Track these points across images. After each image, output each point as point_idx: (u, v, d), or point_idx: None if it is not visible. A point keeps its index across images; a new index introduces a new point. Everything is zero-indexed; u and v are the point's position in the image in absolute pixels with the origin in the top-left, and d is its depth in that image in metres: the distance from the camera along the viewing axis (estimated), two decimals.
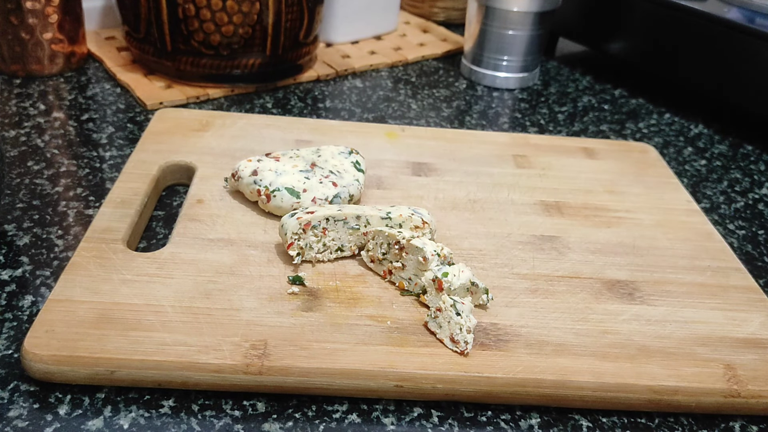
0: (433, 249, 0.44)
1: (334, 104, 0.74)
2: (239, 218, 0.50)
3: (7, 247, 0.49)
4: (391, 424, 0.38)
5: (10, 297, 0.44)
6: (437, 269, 0.43)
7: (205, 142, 0.59)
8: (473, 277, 0.43)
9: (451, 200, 0.55)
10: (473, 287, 0.43)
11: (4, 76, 0.72)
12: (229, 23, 0.68)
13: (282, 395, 0.39)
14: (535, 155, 0.63)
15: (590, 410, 0.40)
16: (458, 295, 0.43)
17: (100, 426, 0.37)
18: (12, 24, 0.69)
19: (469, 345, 0.40)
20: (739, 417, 0.41)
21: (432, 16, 1.00)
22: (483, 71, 0.81)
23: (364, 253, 0.47)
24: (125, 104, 0.69)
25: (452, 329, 0.40)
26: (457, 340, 0.40)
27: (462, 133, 0.66)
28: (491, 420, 0.39)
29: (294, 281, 0.44)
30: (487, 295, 0.44)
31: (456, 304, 0.41)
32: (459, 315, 0.40)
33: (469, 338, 0.40)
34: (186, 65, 0.71)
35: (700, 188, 0.65)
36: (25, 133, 0.63)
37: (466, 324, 0.40)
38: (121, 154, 0.61)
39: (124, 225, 0.48)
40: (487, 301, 0.44)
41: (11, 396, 0.38)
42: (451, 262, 0.45)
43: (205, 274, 0.44)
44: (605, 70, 0.89)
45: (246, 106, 0.71)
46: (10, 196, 0.54)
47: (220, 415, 0.38)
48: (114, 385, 0.39)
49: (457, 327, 0.40)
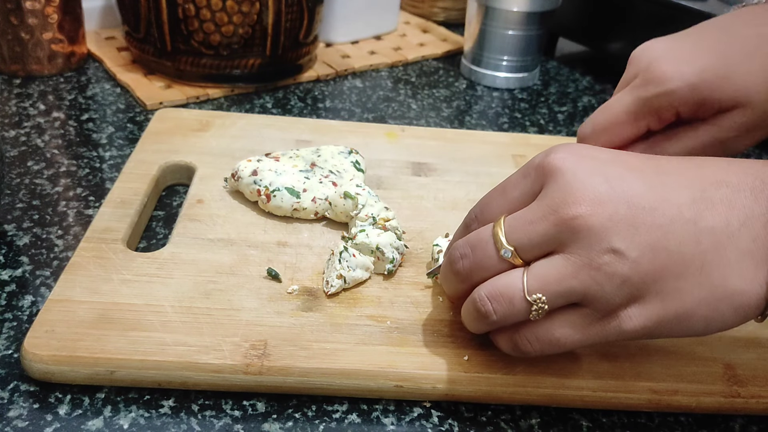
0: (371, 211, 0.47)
1: (334, 104, 0.74)
2: (239, 218, 0.50)
3: (7, 247, 0.49)
4: (391, 424, 0.38)
5: (10, 297, 0.44)
6: (361, 224, 0.47)
7: (205, 142, 0.59)
8: (388, 248, 0.45)
9: (451, 200, 0.55)
10: (378, 252, 0.45)
11: (4, 76, 0.72)
12: (229, 23, 0.68)
13: (282, 395, 0.39)
14: (535, 155, 0.63)
15: (590, 410, 0.40)
16: (360, 251, 0.45)
17: (100, 426, 0.37)
18: (12, 24, 0.69)
19: (333, 289, 0.43)
20: (739, 417, 0.41)
21: (432, 16, 1.00)
22: (483, 71, 0.81)
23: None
24: (125, 104, 0.69)
25: (330, 271, 0.44)
26: (327, 281, 0.44)
27: (462, 133, 0.66)
28: (491, 420, 0.39)
29: (269, 273, 0.45)
30: (391, 264, 0.46)
31: (343, 253, 0.44)
32: (340, 262, 0.44)
33: (335, 283, 0.43)
34: (186, 65, 0.71)
35: None
36: (25, 133, 0.63)
37: (341, 272, 0.44)
38: (121, 154, 0.61)
39: (124, 225, 0.48)
40: (389, 271, 0.46)
41: (11, 396, 0.38)
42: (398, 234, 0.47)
43: (205, 274, 0.44)
44: (605, 70, 0.89)
45: (246, 106, 0.71)
46: (10, 196, 0.54)
47: (220, 415, 0.38)
48: (114, 385, 0.39)
49: (334, 271, 0.44)
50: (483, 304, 0.35)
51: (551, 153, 0.35)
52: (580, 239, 0.33)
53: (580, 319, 0.34)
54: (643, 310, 0.33)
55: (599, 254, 0.32)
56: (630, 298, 0.33)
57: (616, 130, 0.46)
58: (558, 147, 0.36)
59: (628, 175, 0.34)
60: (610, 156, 0.35)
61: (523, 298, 0.34)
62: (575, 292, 0.33)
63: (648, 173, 0.34)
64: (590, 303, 0.33)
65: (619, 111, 0.45)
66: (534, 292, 0.33)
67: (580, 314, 0.34)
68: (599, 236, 0.32)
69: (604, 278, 0.32)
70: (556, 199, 0.33)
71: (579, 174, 0.33)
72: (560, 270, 0.33)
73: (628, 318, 0.33)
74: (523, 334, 0.35)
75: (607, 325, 0.34)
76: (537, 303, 0.34)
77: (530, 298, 0.34)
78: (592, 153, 0.35)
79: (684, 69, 0.43)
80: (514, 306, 0.34)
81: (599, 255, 0.32)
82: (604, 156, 0.35)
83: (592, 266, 0.32)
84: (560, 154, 0.35)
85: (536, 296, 0.33)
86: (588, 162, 0.34)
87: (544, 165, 0.35)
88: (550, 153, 0.35)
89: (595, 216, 0.32)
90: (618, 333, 0.34)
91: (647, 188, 0.33)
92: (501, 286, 0.35)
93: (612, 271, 0.32)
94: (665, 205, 0.33)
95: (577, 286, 0.33)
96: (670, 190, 0.33)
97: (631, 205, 0.33)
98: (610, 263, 0.32)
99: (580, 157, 0.34)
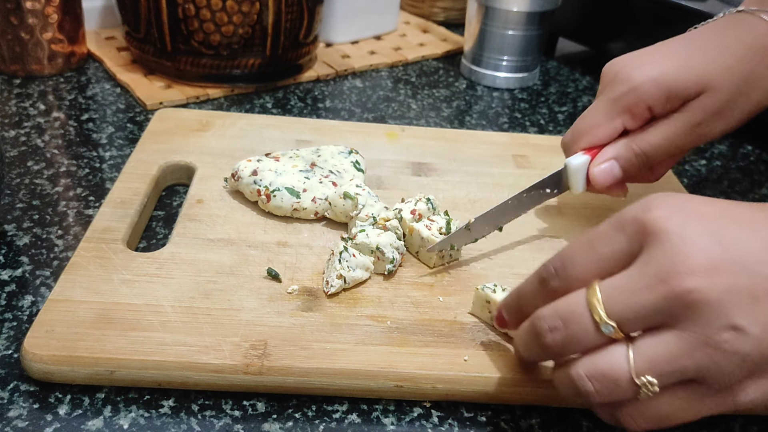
0: (371, 211, 0.48)
1: (334, 104, 0.74)
2: (239, 218, 0.50)
3: (7, 247, 0.49)
4: (391, 424, 0.38)
5: (10, 297, 0.44)
6: (361, 224, 0.47)
7: (205, 142, 0.59)
8: (388, 248, 0.46)
9: (451, 200, 0.55)
10: (378, 252, 0.45)
11: (4, 76, 0.72)
12: (229, 23, 0.68)
13: (282, 395, 0.39)
14: (535, 155, 0.63)
15: (590, 410, 0.40)
16: (360, 251, 0.45)
17: (100, 426, 0.37)
18: (12, 24, 0.69)
19: (333, 289, 0.43)
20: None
21: (432, 16, 1.00)
22: (483, 71, 0.81)
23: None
24: (125, 104, 0.69)
25: (330, 271, 0.44)
26: (327, 281, 0.44)
27: (462, 133, 0.66)
28: (491, 420, 0.39)
29: (269, 273, 0.45)
30: (391, 264, 0.46)
31: (343, 253, 0.44)
32: (340, 262, 0.44)
33: (335, 283, 0.43)
34: (186, 65, 0.71)
35: (699, 188, 0.65)
36: (25, 133, 0.63)
37: (341, 272, 0.44)
38: (121, 154, 0.61)
39: (124, 225, 0.48)
40: (389, 271, 0.46)
41: (11, 396, 0.38)
42: (398, 234, 0.47)
43: (205, 274, 0.44)
44: None
45: (246, 106, 0.71)
46: (10, 196, 0.54)
47: (220, 415, 0.38)
48: (114, 385, 0.39)
49: (334, 271, 0.44)
50: (583, 384, 0.32)
51: (652, 209, 0.31)
52: (695, 315, 0.29)
53: (692, 395, 0.32)
54: (762, 383, 0.31)
55: (718, 332, 0.29)
56: (749, 373, 0.31)
57: (594, 131, 0.48)
58: (658, 201, 0.32)
59: (742, 234, 0.31)
60: (718, 210, 0.32)
61: (630, 380, 0.31)
62: (689, 371, 0.30)
63: (761, 227, 0.31)
64: (704, 380, 0.31)
65: (594, 114, 0.48)
66: (643, 374, 0.31)
67: (692, 390, 0.31)
68: (718, 312, 0.29)
69: (723, 357, 0.30)
70: (663, 266, 0.30)
71: (687, 237, 0.30)
72: (672, 349, 0.30)
73: (745, 393, 0.31)
74: (628, 411, 0.33)
75: (721, 400, 0.32)
76: (646, 386, 0.31)
77: (639, 381, 0.31)
78: (698, 208, 0.32)
79: (646, 69, 0.46)
80: (620, 387, 0.31)
81: (718, 332, 0.29)
82: (711, 211, 0.32)
83: (709, 344, 0.29)
84: (662, 211, 0.31)
85: (646, 379, 0.31)
86: (695, 220, 0.31)
87: (645, 223, 0.31)
88: (651, 209, 0.31)
89: (712, 289, 0.29)
90: (732, 407, 0.32)
91: (764, 248, 0.30)
92: (603, 366, 0.31)
93: (732, 349, 0.29)
94: None
95: (692, 365, 0.30)
96: None
97: (751, 273, 0.29)
98: (730, 341, 0.29)
99: (686, 213, 0.31)
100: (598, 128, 0.47)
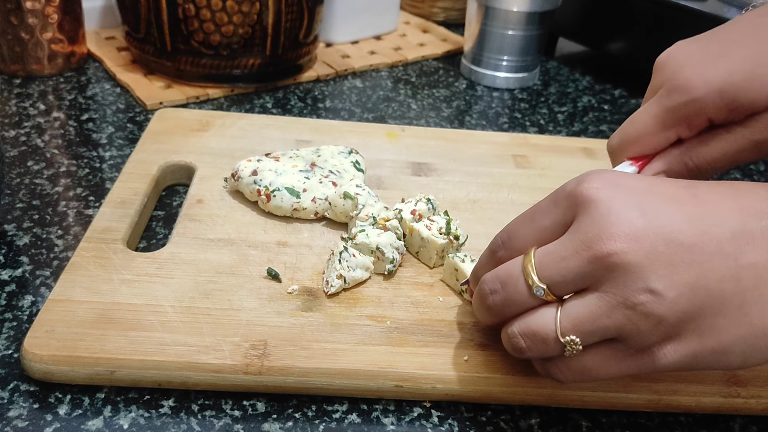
0: (371, 211, 0.48)
1: (334, 104, 0.74)
2: (239, 218, 0.50)
3: (7, 247, 0.49)
4: (391, 424, 0.38)
5: (10, 297, 0.44)
6: (361, 224, 0.47)
7: (205, 142, 0.59)
8: (388, 248, 0.46)
9: (451, 200, 0.55)
10: (378, 252, 0.46)
11: (4, 76, 0.72)
12: (229, 23, 0.68)
13: (282, 395, 0.39)
14: (535, 155, 0.63)
15: (590, 410, 0.40)
16: (360, 251, 0.46)
17: (100, 426, 0.37)
18: (12, 24, 0.69)
19: (333, 289, 0.43)
20: (739, 417, 0.41)
21: (432, 16, 1.00)
22: (483, 71, 0.81)
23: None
24: (125, 104, 0.70)
25: (330, 271, 0.44)
26: (327, 281, 0.44)
27: (462, 133, 0.66)
28: (491, 420, 0.39)
29: (269, 273, 0.45)
30: (391, 264, 0.46)
31: (343, 253, 0.44)
32: (340, 262, 0.44)
33: (335, 283, 0.43)
34: (186, 65, 0.71)
35: None
36: (25, 133, 0.63)
37: (341, 272, 0.44)
38: (121, 154, 0.61)
39: (124, 225, 0.48)
40: (389, 271, 0.46)
41: (11, 396, 0.38)
42: (398, 234, 0.47)
43: (205, 274, 0.44)
44: (605, 70, 0.89)
45: (246, 106, 0.71)
46: (10, 196, 0.54)
47: (220, 415, 0.38)
48: (114, 385, 0.39)
49: (334, 271, 0.44)
50: (517, 341, 0.35)
51: (584, 181, 0.33)
52: (615, 277, 0.31)
53: (614, 353, 0.33)
54: (679, 346, 0.32)
55: (635, 293, 0.31)
56: (666, 336, 0.32)
57: (645, 140, 0.43)
58: (591, 175, 0.34)
59: (666, 208, 0.32)
60: (646, 185, 0.34)
61: (556, 339, 0.33)
62: (609, 330, 0.32)
63: (686, 204, 0.33)
64: (624, 340, 0.33)
65: (647, 121, 0.43)
66: (567, 333, 0.33)
67: (613, 349, 0.33)
68: (635, 275, 0.31)
69: (639, 318, 0.31)
70: (589, 233, 0.32)
71: (614, 207, 0.32)
72: (594, 309, 0.32)
73: (663, 354, 0.33)
74: (557, 365, 0.35)
75: (640, 360, 0.33)
76: (570, 344, 0.33)
77: (563, 340, 0.33)
78: (628, 182, 0.33)
79: (709, 74, 0.40)
80: (548, 345, 0.34)
81: (635, 294, 0.31)
82: (640, 185, 0.33)
83: (627, 305, 0.31)
84: (594, 183, 0.33)
85: (569, 338, 0.33)
86: (623, 193, 0.33)
87: (577, 194, 0.33)
88: (583, 181, 0.33)
89: (631, 253, 0.31)
90: (652, 367, 0.33)
91: (686, 221, 0.32)
92: (534, 325, 0.34)
93: (648, 311, 0.31)
94: (705, 240, 0.31)
95: (611, 325, 0.32)
96: (710, 222, 0.32)
97: (670, 242, 0.31)
98: (647, 303, 0.31)
99: (615, 187, 0.33)
100: (650, 137, 0.43)
